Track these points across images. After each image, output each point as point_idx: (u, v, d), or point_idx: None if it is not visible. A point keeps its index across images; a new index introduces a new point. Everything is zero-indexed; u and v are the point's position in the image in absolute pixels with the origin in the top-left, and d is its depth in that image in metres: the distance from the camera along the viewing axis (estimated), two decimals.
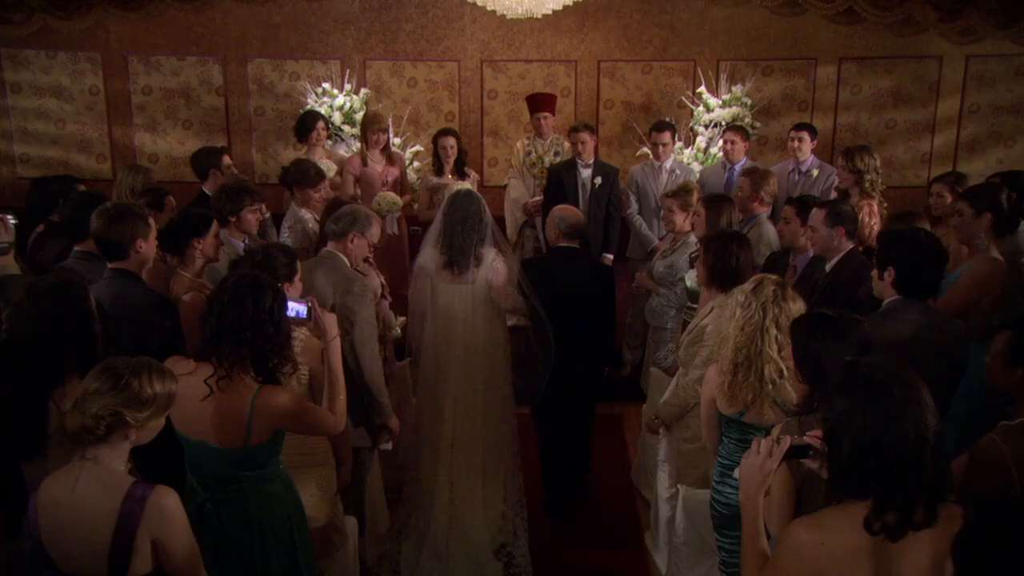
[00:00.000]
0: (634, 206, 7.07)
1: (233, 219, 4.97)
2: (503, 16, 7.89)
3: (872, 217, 5.51)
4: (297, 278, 3.85)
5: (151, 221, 3.93)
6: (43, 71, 9.88)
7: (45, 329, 3.12)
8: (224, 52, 9.76)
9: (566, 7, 7.76)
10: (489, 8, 7.33)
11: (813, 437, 2.43)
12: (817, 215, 4.58)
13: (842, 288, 4.37)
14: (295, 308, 3.24)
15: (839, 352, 2.81)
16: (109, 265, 3.84)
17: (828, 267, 4.55)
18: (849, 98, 9.73)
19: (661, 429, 4.62)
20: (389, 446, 4.69)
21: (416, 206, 7.45)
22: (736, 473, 2.62)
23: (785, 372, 3.39)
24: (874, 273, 3.82)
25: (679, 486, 4.25)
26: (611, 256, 6.96)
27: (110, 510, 2.47)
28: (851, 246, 4.53)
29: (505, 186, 7.63)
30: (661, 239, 6.72)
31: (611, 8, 9.38)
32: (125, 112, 9.96)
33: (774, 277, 3.59)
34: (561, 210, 5.25)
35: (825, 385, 2.75)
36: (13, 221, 3.86)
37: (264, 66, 9.76)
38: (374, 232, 4.67)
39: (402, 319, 5.30)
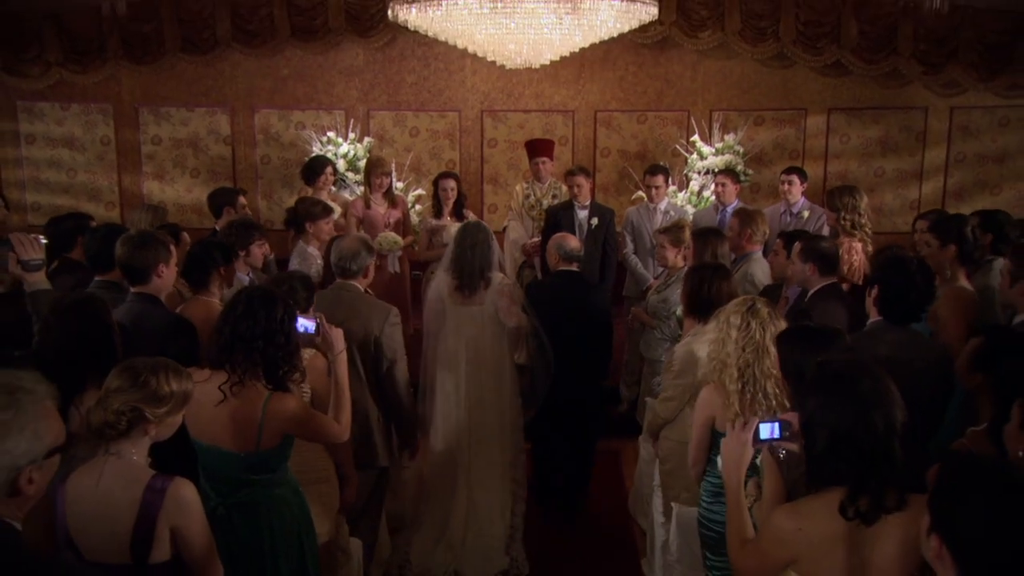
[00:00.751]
0: (630, 246, 7.29)
1: (242, 252, 5.14)
2: (503, 67, 8.19)
3: (851, 255, 5.68)
4: (312, 309, 4.03)
5: (172, 248, 4.13)
6: (57, 122, 10.20)
7: (70, 342, 3.28)
8: (232, 103, 10.08)
9: (563, 59, 8.07)
10: (489, 59, 7.62)
11: (789, 416, 2.60)
12: (795, 248, 4.79)
13: (807, 319, 4.50)
14: (304, 324, 3.41)
15: None
16: (132, 289, 4.03)
17: (806, 299, 4.72)
18: (838, 147, 10.03)
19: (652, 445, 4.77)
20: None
21: (417, 248, 7.66)
22: (718, 462, 2.78)
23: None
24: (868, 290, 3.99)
25: (672, 504, 4.37)
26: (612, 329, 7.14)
27: (132, 500, 2.61)
28: (826, 282, 4.66)
29: (505, 228, 7.86)
30: (656, 278, 6.91)
31: (607, 60, 9.73)
32: (135, 161, 10.25)
33: (763, 299, 3.76)
34: (560, 237, 5.66)
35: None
36: (44, 241, 4.07)
37: (271, 116, 10.07)
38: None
39: None
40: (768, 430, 2.58)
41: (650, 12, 7.07)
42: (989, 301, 4.83)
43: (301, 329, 3.38)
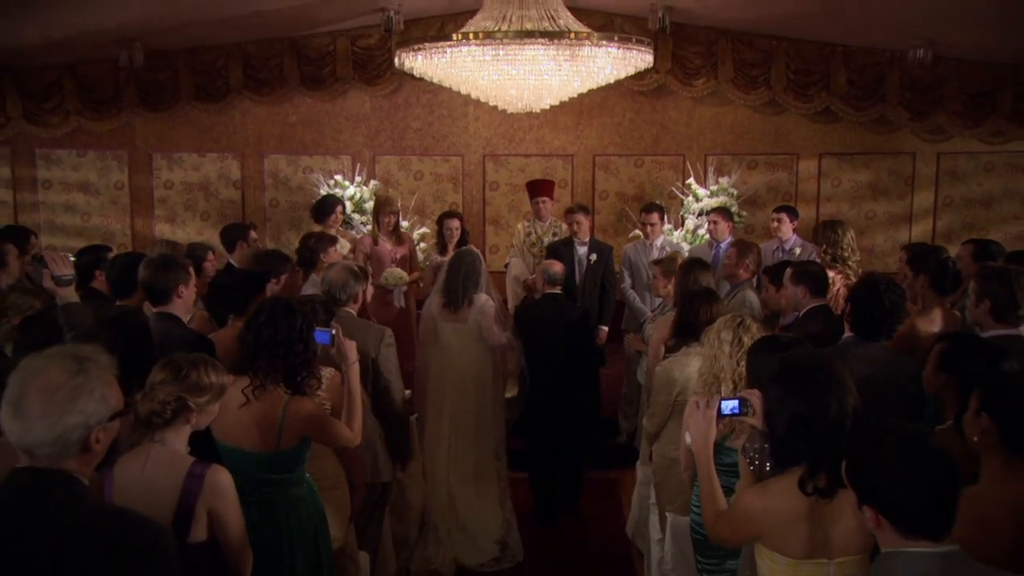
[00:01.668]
0: (628, 281, 7.55)
1: (274, 280, 5.32)
2: (504, 113, 8.55)
3: (832, 285, 5.93)
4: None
5: (191, 271, 4.39)
6: (73, 168, 10.54)
7: (113, 350, 3.52)
8: (242, 149, 10.43)
9: (563, 105, 8.41)
10: (491, 104, 7.96)
11: (747, 393, 2.85)
12: (787, 274, 5.05)
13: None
14: (321, 335, 3.67)
15: None
16: (154, 309, 4.27)
17: (795, 319, 4.96)
18: (830, 190, 10.35)
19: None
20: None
21: (422, 284, 7.92)
22: (687, 438, 3.04)
23: None
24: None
25: (667, 513, 4.56)
26: (606, 328, 7.39)
27: (174, 484, 2.83)
28: (816, 303, 4.92)
29: (507, 265, 8.13)
30: (653, 311, 7.15)
31: (605, 107, 10.10)
32: (147, 205, 10.56)
33: (750, 315, 4.00)
34: (546, 263, 6.26)
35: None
36: (72, 259, 4.34)
37: (279, 161, 10.42)
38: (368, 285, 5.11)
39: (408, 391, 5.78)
40: (729, 407, 2.86)
41: (645, 60, 7.41)
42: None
43: (318, 339, 3.63)
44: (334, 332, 3.72)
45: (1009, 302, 3.95)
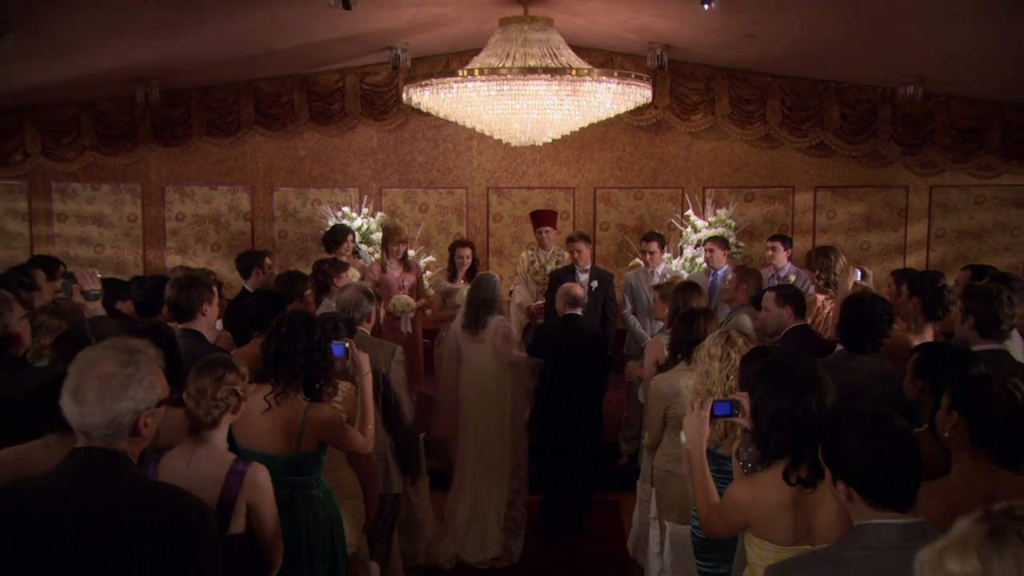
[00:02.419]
0: (629, 307, 7.79)
1: (297, 299, 5.58)
2: (508, 147, 8.84)
3: (815, 306, 6.17)
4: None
5: (214, 290, 4.64)
6: (87, 201, 10.83)
7: None
8: (253, 182, 10.73)
9: (565, 139, 8.72)
10: (496, 137, 8.25)
11: (738, 396, 3.08)
12: (769, 296, 5.32)
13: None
14: (336, 347, 3.90)
15: None
16: (179, 326, 4.51)
17: (777, 339, 5.19)
18: (825, 222, 10.60)
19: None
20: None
21: (428, 312, 8.16)
22: (682, 438, 3.26)
23: None
24: None
25: (665, 522, 4.75)
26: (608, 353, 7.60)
27: (217, 479, 3.04)
28: (799, 323, 5.17)
29: (511, 292, 8.37)
30: (654, 335, 7.38)
31: (605, 141, 10.41)
32: (159, 237, 10.83)
33: (737, 331, 4.24)
34: (567, 286, 6.57)
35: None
36: (99, 276, 4.61)
37: (288, 194, 10.71)
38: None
39: None
40: (722, 409, 3.09)
41: (644, 95, 7.71)
42: None
43: (334, 351, 3.86)
44: (348, 345, 3.95)
45: (992, 318, 4.17)
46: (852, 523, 2.36)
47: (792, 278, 7.74)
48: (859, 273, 5.87)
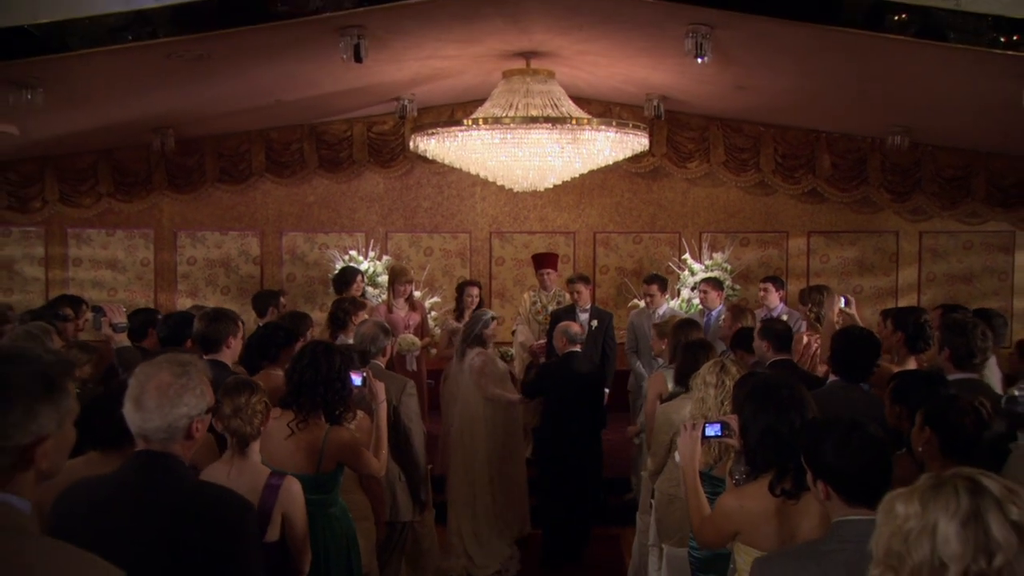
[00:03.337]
0: (632, 346, 8.07)
1: (302, 339, 5.84)
2: (510, 193, 9.19)
3: (800, 344, 6.44)
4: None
5: (239, 324, 4.92)
6: (102, 246, 11.14)
7: None
8: (262, 227, 11.06)
9: (565, 185, 9.08)
10: (499, 183, 8.60)
11: (727, 418, 3.35)
12: (755, 329, 5.61)
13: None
14: (354, 377, 4.17)
15: None
16: (205, 357, 4.78)
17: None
18: (818, 266, 10.91)
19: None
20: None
21: (434, 351, 8.44)
22: (676, 457, 3.52)
23: None
24: None
25: (662, 545, 4.97)
26: (608, 390, 7.84)
27: (255, 491, 3.26)
28: (780, 357, 5.41)
29: (514, 332, 8.65)
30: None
31: (605, 187, 10.77)
32: (171, 280, 11.13)
33: (730, 359, 4.52)
34: (564, 324, 6.85)
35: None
36: (125, 310, 4.92)
37: (297, 238, 11.04)
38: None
39: None
40: (713, 429, 3.36)
41: (641, 143, 8.09)
42: None
43: (352, 381, 4.14)
44: (365, 375, 4.23)
45: (967, 351, 4.44)
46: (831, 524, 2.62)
47: (784, 317, 8.01)
48: (843, 300, 6.14)
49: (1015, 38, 6.44)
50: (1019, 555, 1.62)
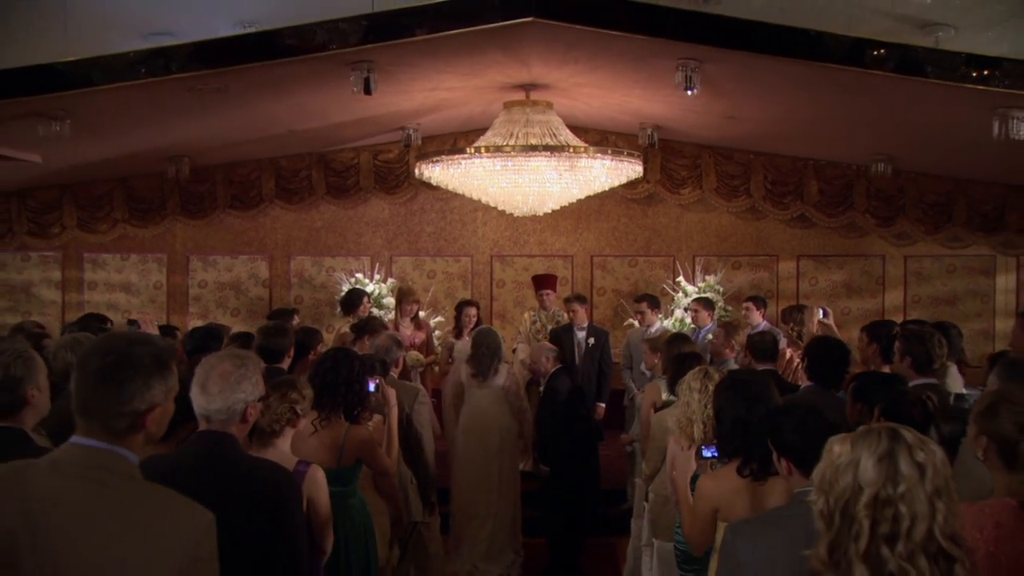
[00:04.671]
0: (629, 363, 8.45)
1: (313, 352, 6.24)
2: (510, 218, 9.61)
3: (784, 358, 6.84)
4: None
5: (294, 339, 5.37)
6: (116, 271, 11.55)
7: None
8: (271, 251, 11.48)
9: (564, 210, 9.50)
10: (500, 208, 9.02)
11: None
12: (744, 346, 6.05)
13: None
14: (369, 383, 4.58)
15: None
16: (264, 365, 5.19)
17: None
18: (808, 289, 11.32)
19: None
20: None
21: (437, 369, 8.83)
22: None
23: None
24: None
25: (653, 539, 5.33)
26: (604, 405, 8.23)
27: None
28: (764, 367, 5.82)
29: (514, 351, 9.04)
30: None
31: (601, 212, 11.21)
32: (182, 303, 11.53)
33: (713, 366, 4.92)
34: (538, 346, 7.58)
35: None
36: (156, 323, 5.31)
37: (305, 262, 11.46)
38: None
39: None
40: (707, 451, 3.74)
41: (636, 170, 8.51)
42: None
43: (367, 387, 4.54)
44: (379, 382, 4.63)
45: (926, 358, 4.81)
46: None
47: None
48: (821, 312, 6.53)
49: (986, 73, 6.91)
50: (917, 486, 2.02)
